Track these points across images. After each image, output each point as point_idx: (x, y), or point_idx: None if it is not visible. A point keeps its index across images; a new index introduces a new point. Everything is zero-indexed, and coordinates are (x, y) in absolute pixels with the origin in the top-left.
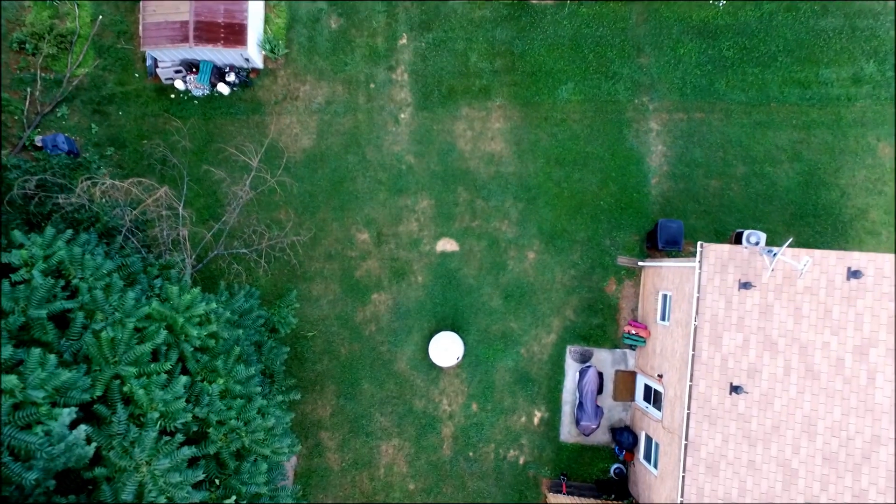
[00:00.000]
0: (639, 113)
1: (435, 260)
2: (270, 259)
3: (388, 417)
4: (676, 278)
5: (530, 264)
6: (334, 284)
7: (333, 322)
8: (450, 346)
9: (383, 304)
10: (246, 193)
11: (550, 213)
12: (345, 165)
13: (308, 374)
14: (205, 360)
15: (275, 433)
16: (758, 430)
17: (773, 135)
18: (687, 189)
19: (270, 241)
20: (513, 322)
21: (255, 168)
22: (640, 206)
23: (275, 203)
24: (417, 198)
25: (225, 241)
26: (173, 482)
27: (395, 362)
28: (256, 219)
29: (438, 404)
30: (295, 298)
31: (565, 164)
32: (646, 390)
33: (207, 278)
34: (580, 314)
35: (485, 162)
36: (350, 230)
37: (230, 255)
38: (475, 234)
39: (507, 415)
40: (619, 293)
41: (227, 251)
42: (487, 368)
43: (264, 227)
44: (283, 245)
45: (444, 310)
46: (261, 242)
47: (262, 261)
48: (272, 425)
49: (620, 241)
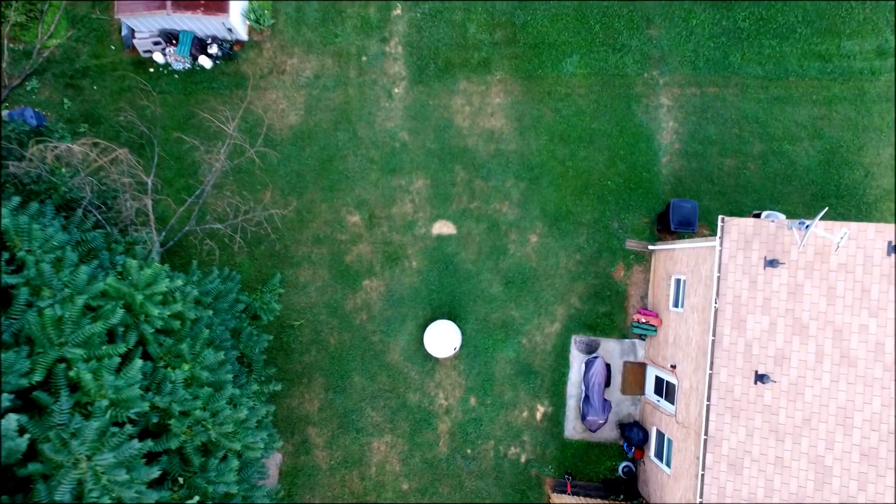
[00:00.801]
0: (648, 87)
1: (430, 244)
2: (246, 234)
3: (381, 412)
4: (692, 260)
5: (533, 248)
6: (323, 270)
7: (322, 310)
8: (446, 336)
9: (375, 291)
10: (220, 162)
11: (554, 194)
12: (334, 143)
13: (294, 366)
14: (168, 344)
15: (248, 426)
16: (786, 424)
17: (791, 111)
18: (700, 168)
19: (246, 216)
20: (514, 310)
21: (232, 135)
22: (651, 186)
23: (256, 181)
24: (412, 177)
25: (198, 216)
26: (119, 480)
27: (387, 353)
28: (231, 191)
29: (434, 398)
30: (279, 283)
31: (570, 141)
32: (657, 383)
33: (180, 257)
34: (586, 302)
35: (484, 139)
36: (340, 212)
37: (203, 232)
38: (474, 217)
39: (508, 409)
40: (627, 279)
41: (199, 227)
42: (487, 360)
43: (239, 200)
44: (260, 219)
45: (441, 297)
46: (236, 217)
47: (238, 236)
48: (244, 417)
49: (629, 224)
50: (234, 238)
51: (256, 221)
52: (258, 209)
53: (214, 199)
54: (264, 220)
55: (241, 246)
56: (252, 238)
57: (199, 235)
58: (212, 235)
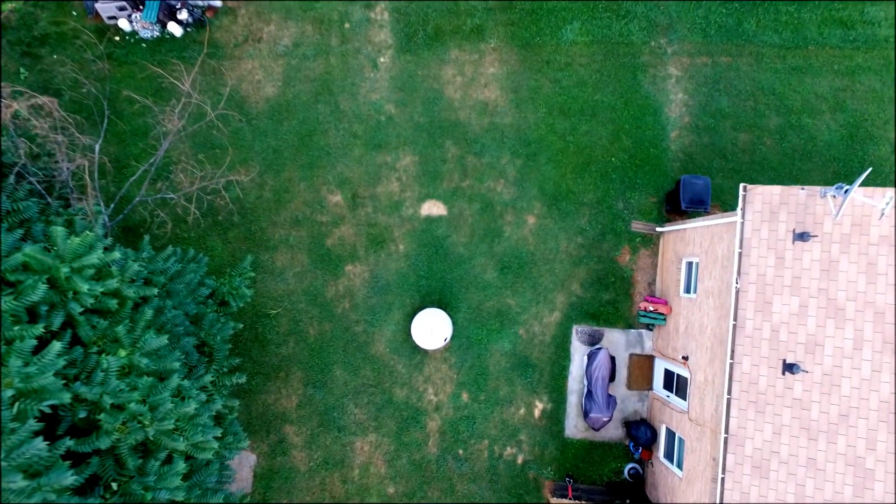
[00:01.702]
0: (656, 57)
1: (419, 225)
2: (202, 205)
3: (364, 409)
4: (706, 240)
5: (530, 230)
6: (301, 254)
7: (300, 298)
8: (436, 326)
9: (359, 277)
10: (174, 124)
11: (554, 172)
12: (314, 117)
13: (270, 359)
14: (103, 327)
15: (197, 422)
16: (820, 420)
17: (811, 81)
18: (712, 143)
19: (203, 182)
20: (510, 298)
21: (187, 91)
22: (658, 162)
23: (218, 151)
24: (399, 154)
25: (149, 185)
26: (14, 488)
27: (372, 345)
28: (185, 155)
29: (423, 394)
30: (250, 265)
31: (571, 114)
32: (666, 376)
33: (131, 233)
34: (588, 289)
35: (477, 112)
36: (320, 191)
37: (154, 202)
38: (466, 196)
39: (504, 406)
40: (633, 264)
41: (150, 197)
42: (480, 352)
43: (194, 164)
44: (217, 187)
45: (430, 283)
46: (192, 184)
47: (193, 206)
48: (193, 412)
49: (635, 204)
50: (189, 209)
51: (212, 189)
52: (217, 176)
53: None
54: (223, 189)
55: (197, 218)
56: (208, 210)
57: (150, 206)
58: (165, 206)
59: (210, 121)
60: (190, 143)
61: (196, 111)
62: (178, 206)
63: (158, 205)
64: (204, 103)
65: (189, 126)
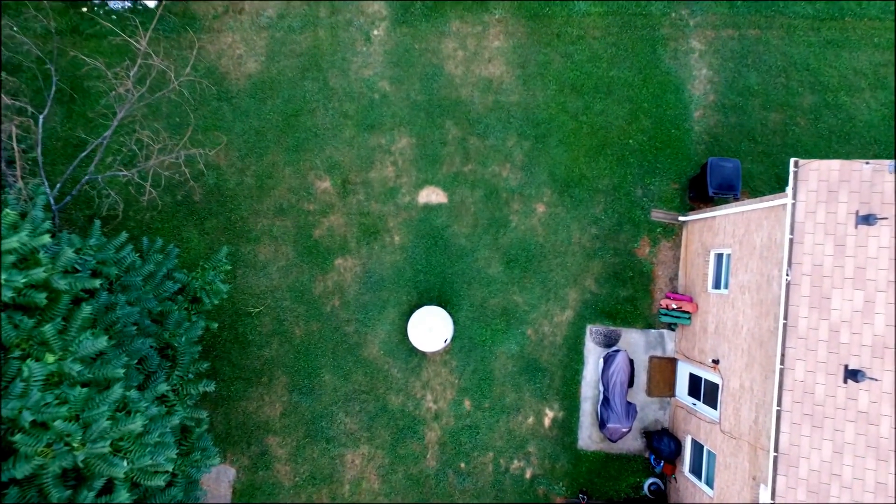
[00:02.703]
0: (677, 29)
1: (416, 215)
2: (159, 182)
3: (356, 418)
4: (740, 229)
5: (539, 220)
6: (287, 247)
7: (285, 295)
8: (435, 326)
9: (350, 272)
10: (129, 89)
11: (565, 155)
12: (301, 95)
13: (252, 362)
14: (27, 326)
15: (146, 442)
16: (891, 438)
17: (848, 56)
18: (740, 124)
19: (160, 157)
20: (517, 294)
21: (142, 50)
22: (680, 145)
23: (187, 127)
24: (394, 135)
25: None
26: None
27: (364, 346)
28: (140, 125)
29: (421, 401)
30: (225, 258)
31: (584, 92)
32: (692, 382)
33: (105, 223)
34: (604, 284)
35: (480, 90)
36: (307, 177)
37: (104, 181)
38: (468, 182)
39: (510, 414)
40: (653, 257)
41: (100, 175)
42: (484, 354)
43: (150, 135)
44: (178, 160)
45: (429, 279)
46: (147, 160)
47: (148, 184)
48: (140, 429)
49: (655, 191)
50: (145, 188)
51: (169, 164)
52: (179, 148)
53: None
54: (182, 165)
55: (153, 198)
56: (183, 198)
57: (100, 185)
58: (114, 183)
59: (174, 90)
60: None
61: (160, 79)
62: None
63: (109, 184)
64: (168, 68)
65: (150, 95)
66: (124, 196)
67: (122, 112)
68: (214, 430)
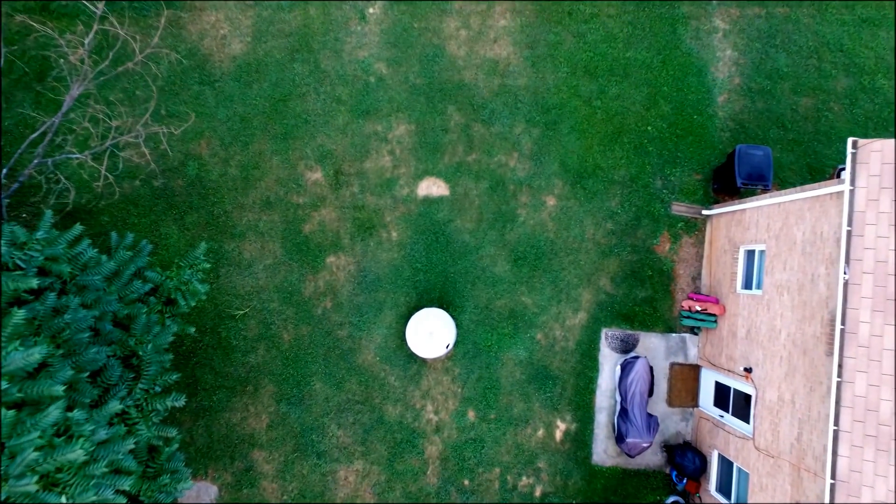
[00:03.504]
0: (699, 7)
1: (415, 208)
2: (117, 166)
3: (349, 431)
4: (776, 222)
5: (550, 214)
6: (274, 243)
7: (272, 296)
8: (436, 330)
9: (343, 271)
10: (84, 61)
11: (578, 143)
12: (290, 78)
13: (236, 370)
14: None
15: (91, 472)
16: None
17: (886, 36)
18: (768, 110)
19: (117, 136)
20: (525, 295)
21: (100, 15)
22: (703, 132)
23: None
24: (391, 122)
25: (51, 143)
26: None
27: (358, 352)
28: (94, 99)
29: (420, 412)
30: (205, 254)
31: (598, 75)
32: (718, 391)
33: (90, 224)
34: (620, 284)
35: (485, 72)
36: (297, 167)
37: (53, 165)
38: (472, 173)
39: (518, 427)
40: (674, 254)
41: (50, 159)
42: (489, 361)
43: (104, 109)
44: (138, 139)
45: (429, 278)
46: (104, 140)
47: (103, 168)
48: (84, 457)
49: (676, 182)
50: (100, 171)
51: (126, 144)
52: (138, 127)
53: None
54: (142, 144)
55: (109, 183)
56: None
57: (48, 169)
58: (63, 167)
59: (139, 63)
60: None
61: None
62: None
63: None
64: (133, 39)
65: (112, 69)
66: (99, 187)
67: (78, 88)
68: (195, 444)
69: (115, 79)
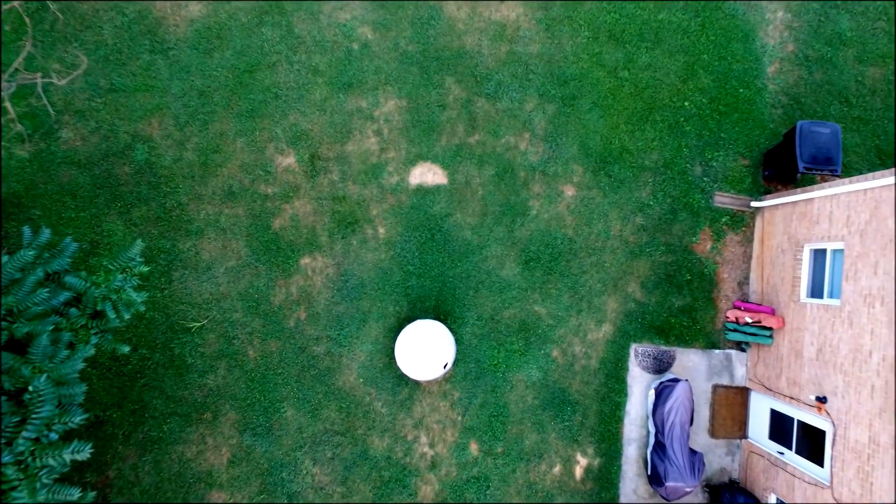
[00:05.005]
0: None
1: (407, 200)
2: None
3: (327, 467)
4: (861, 214)
5: (568, 207)
6: (238, 241)
7: (235, 304)
8: (431, 346)
9: (320, 275)
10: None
11: (601, 122)
12: (258, 45)
13: (191, 393)
14: None
15: None
16: None
17: None
18: (828, 82)
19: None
20: (538, 304)
21: None
22: (751, 108)
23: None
24: (378, 97)
25: None
26: None
27: (338, 373)
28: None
29: (413, 445)
30: (139, 256)
31: (625, 40)
32: (775, 421)
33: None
34: (653, 291)
35: (490, 37)
36: (265, 150)
37: None
38: (474, 157)
39: (530, 462)
40: (717, 254)
41: None
42: (496, 383)
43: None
44: (32, 85)
45: (423, 284)
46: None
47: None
48: None
49: (719, 168)
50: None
51: (17, 88)
52: (10, 69)
53: None
54: (7, 99)
55: (42, 169)
56: (105, 179)
57: None
58: None
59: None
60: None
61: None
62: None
63: None
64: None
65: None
66: (29, 178)
67: None
68: (140, 485)
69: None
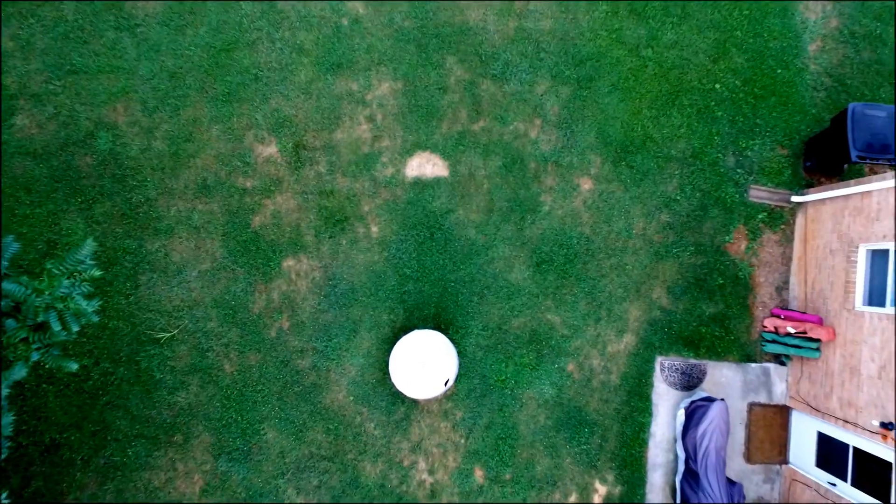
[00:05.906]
0: None
1: (403, 194)
2: None
3: (313, 496)
4: None
5: (584, 202)
6: (212, 241)
7: (210, 312)
8: (430, 360)
9: (305, 279)
10: None
11: (622, 106)
12: (236, 21)
13: (160, 412)
14: None
15: None
16: None
17: None
18: (877, 61)
19: None
20: (551, 312)
21: None
22: (790, 91)
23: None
24: (370, 78)
25: None
26: None
27: (325, 390)
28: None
29: (409, 471)
30: (90, 257)
31: (648, 15)
32: (824, 447)
33: None
34: (680, 297)
35: (497, 11)
36: (244, 139)
37: None
38: (479, 146)
39: (543, 490)
40: (753, 256)
41: None
42: (504, 401)
43: None
44: None
45: (421, 289)
46: None
47: None
48: None
49: (754, 158)
50: None
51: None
52: None
53: None
54: None
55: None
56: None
57: None
58: None
59: None
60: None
61: None
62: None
63: None
64: None
65: None
66: None
67: None
68: None
69: None
